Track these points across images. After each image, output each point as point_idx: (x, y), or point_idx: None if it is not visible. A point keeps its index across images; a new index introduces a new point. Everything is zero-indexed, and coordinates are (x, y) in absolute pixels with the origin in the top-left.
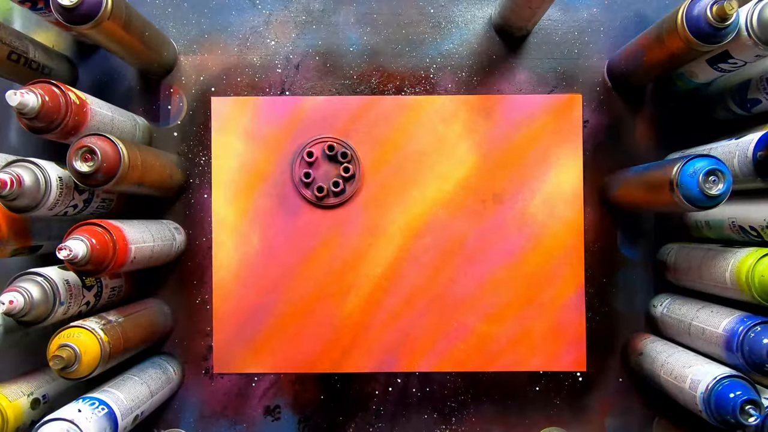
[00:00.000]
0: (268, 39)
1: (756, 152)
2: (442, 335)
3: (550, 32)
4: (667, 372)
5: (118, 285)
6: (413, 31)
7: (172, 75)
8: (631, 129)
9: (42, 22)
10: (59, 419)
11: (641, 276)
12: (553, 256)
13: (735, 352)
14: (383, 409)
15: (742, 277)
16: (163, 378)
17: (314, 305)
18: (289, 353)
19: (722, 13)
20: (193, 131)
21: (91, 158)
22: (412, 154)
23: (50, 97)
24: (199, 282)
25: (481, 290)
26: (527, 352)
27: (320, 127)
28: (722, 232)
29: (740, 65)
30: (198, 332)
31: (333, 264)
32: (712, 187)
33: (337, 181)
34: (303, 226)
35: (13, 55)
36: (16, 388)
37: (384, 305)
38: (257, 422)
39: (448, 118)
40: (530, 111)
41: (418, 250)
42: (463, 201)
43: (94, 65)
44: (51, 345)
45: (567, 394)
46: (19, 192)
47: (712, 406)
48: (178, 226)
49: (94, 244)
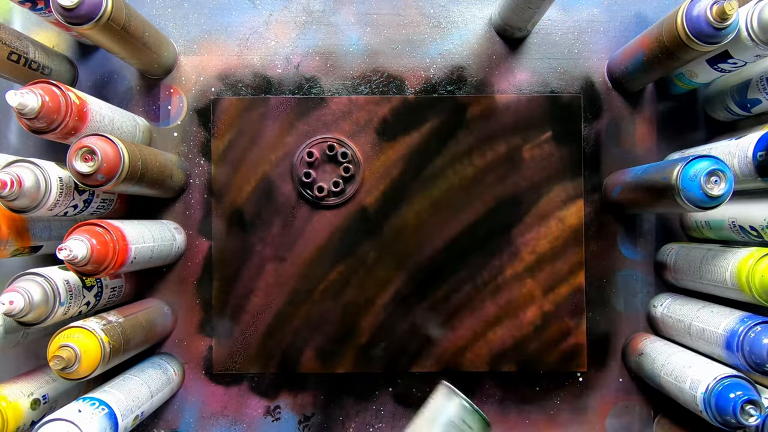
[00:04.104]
0: (268, 39)
1: (756, 152)
2: (442, 335)
3: (550, 32)
4: (668, 372)
5: (118, 285)
6: (413, 31)
7: (172, 75)
8: (631, 129)
9: (42, 22)
10: (59, 419)
11: (641, 276)
12: (553, 256)
13: (735, 352)
14: (383, 409)
15: (742, 277)
16: (163, 378)
17: (314, 305)
18: (289, 353)
19: (722, 13)
20: (193, 131)
21: (91, 158)
22: (412, 154)
23: (50, 98)
24: (199, 282)
25: (481, 290)
26: (527, 352)
27: (320, 127)
28: (722, 232)
29: (740, 65)
30: (198, 332)
31: (333, 264)
32: (714, 188)
33: (337, 181)
34: (303, 226)
35: (13, 55)
36: (16, 388)
37: (384, 305)
38: (257, 422)
39: (448, 118)
40: (530, 111)
41: (418, 250)
42: (464, 201)
43: (94, 65)
44: (51, 345)
45: (567, 394)
46: (19, 192)
47: (712, 406)
48: (178, 226)
49: (94, 245)
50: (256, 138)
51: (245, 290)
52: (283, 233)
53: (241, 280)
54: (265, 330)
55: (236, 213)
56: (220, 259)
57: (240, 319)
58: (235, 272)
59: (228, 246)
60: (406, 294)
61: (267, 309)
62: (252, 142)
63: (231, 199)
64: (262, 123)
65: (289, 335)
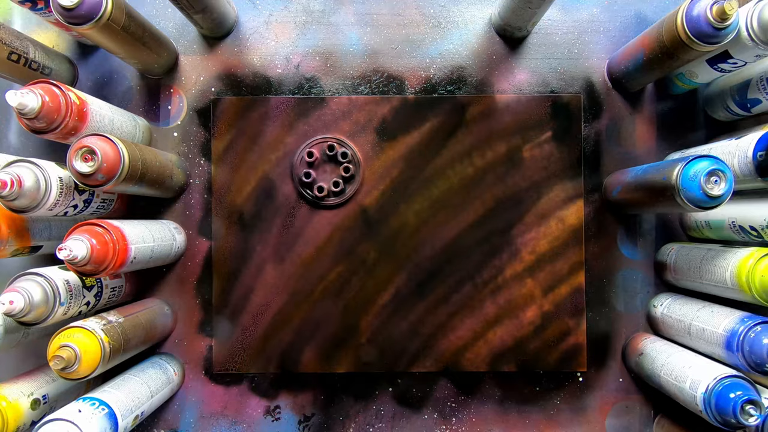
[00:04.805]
0: (268, 39)
1: (756, 152)
2: (442, 335)
3: (550, 32)
4: (668, 372)
5: (118, 285)
6: (413, 31)
7: (172, 75)
8: (631, 129)
9: (42, 22)
10: (59, 419)
11: (641, 276)
12: (553, 256)
13: (735, 352)
14: (383, 409)
15: (742, 277)
16: (163, 378)
17: (314, 305)
18: (289, 353)
19: (722, 13)
20: (193, 131)
21: (91, 158)
22: (412, 154)
23: (50, 98)
24: (199, 282)
25: (481, 290)
26: (527, 351)
27: (320, 127)
28: (722, 232)
29: (740, 65)
30: (198, 332)
31: (333, 264)
32: (714, 188)
33: (337, 181)
34: (303, 226)
35: (13, 55)
36: (16, 388)
37: (384, 305)
38: (257, 422)
39: (448, 118)
40: (530, 111)
41: (418, 250)
42: (464, 201)
43: (94, 65)
44: (51, 345)
45: (567, 394)
46: (19, 192)
47: (712, 406)
48: (178, 226)
49: (94, 245)
50: (256, 138)
51: (245, 290)
52: (283, 233)
53: (241, 280)
54: (265, 330)
55: (236, 213)
56: (220, 259)
57: (240, 319)
58: (235, 272)
59: (228, 246)
60: (406, 294)
61: (267, 309)
62: (252, 142)
63: (231, 199)
64: (262, 123)
65: (289, 335)
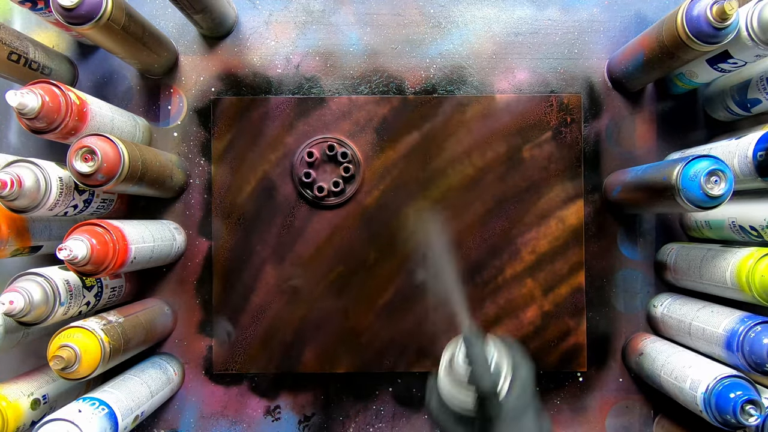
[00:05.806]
0: (268, 39)
1: (756, 152)
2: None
3: (550, 32)
4: (668, 372)
5: (118, 285)
6: (413, 31)
7: (172, 75)
8: (631, 129)
9: (42, 22)
10: (59, 419)
11: (641, 276)
12: (553, 256)
13: (735, 352)
14: (383, 409)
15: (742, 277)
16: (163, 378)
17: (314, 305)
18: (289, 354)
19: (722, 13)
20: (193, 131)
21: (91, 158)
22: (412, 154)
23: (50, 98)
24: (199, 282)
25: (481, 290)
26: (527, 351)
27: (320, 127)
28: (722, 232)
29: (740, 65)
30: (198, 332)
31: (333, 264)
32: (714, 188)
33: (337, 181)
34: (303, 226)
35: (13, 55)
36: (16, 388)
37: (384, 305)
38: (257, 422)
39: (449, 118)
40: (530, 111)
41: (418, 250)
42: (464, 201)
43: (94, 65)
44: (51, 345)
45: (567, 394)
46: (19, 192)
47: (712, 406)
48: (178, 226)
49: (94, 245)
50: (256, 138)
51: (245, 290)
52: (283, 233)
53: (241, 280)
54: (265, 330)
55: (236, 213)
56: (220, 259)
57: (240, 319)
58: (235, 272)
59: (228, 246)
60: (406, 294)
61: (267, 309)
62: (252, 142)
63: (231, 199)
64: (262, 123)
65: (289, 335)
